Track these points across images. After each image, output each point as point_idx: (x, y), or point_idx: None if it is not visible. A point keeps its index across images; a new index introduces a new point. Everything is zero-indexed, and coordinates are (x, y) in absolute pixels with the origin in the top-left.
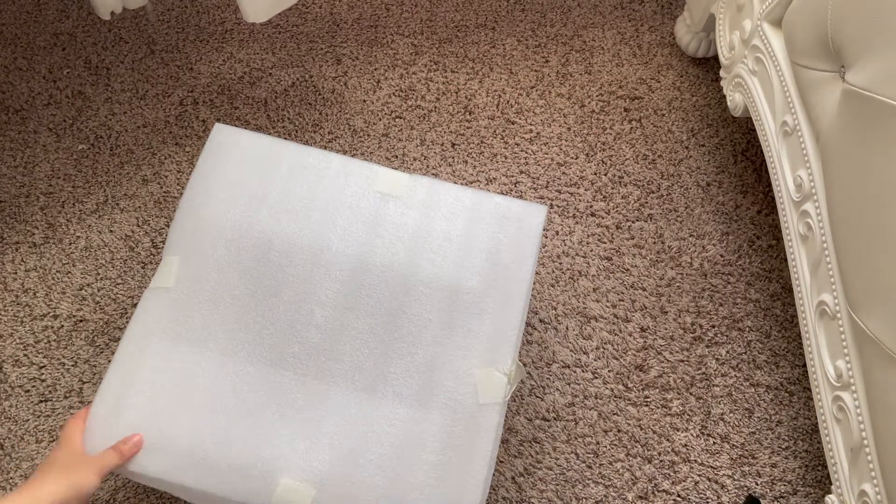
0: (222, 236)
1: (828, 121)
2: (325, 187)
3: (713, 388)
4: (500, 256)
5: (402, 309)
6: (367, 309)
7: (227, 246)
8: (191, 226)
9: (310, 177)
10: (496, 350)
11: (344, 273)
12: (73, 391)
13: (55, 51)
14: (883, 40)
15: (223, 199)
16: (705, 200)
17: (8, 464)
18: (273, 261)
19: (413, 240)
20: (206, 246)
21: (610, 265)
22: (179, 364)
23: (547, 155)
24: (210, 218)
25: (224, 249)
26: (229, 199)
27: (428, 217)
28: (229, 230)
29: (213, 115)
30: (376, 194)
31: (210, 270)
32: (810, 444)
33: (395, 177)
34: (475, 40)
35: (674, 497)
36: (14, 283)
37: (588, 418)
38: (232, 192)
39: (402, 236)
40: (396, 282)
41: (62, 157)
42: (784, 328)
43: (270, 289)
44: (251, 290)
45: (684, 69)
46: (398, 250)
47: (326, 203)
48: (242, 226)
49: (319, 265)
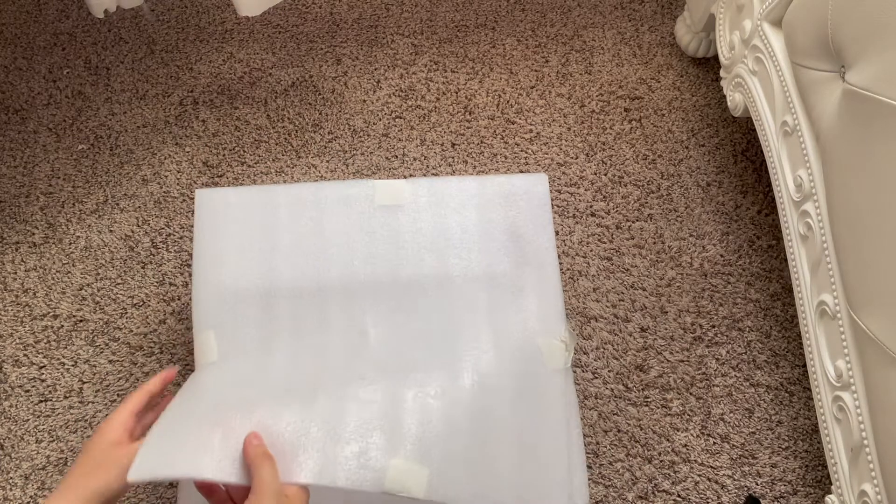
0: (249, 298)
1: (828, 121)
2: (329, 218)
3: (713, 388)
4: (520, 232)
5: (449, 308)
6: (417, 319)
7: (258, 304)
8: (213, 297)
9: (311, 213)
10: (547, 320)
11: (380, 294)
12: (73, 391)
13: (55, 51)
14: (883, 40)
15: (235, 262)
16: (705, 200)
17: (8, 464)
18: (308, 304)
19: (434, 242)
20: (236, 312)
21: (610, 265)
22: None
23: (547, 155)
24: (229, 284)
25: (256, 309)
26: (241, 260)
27: (439, 216)
28: (254, 290)
29: (213, 114)
30: (381, 209)
31: (250, 334)
32: (810, 444)
33: (395, 186)
34: (475, 40)
35: (674, 497)
36: (14, 283)
37: (588, 418)
38: (241, 253)
39: (423, 241)
40: (433, 286)
41: (62, 157)
42: (784, 328)
43: (316, 333)
44: (297, 338)
45: (684, 69)
46: (423, 256)
47: (337, 234)
48: (265, 282)
49: (355, 295)
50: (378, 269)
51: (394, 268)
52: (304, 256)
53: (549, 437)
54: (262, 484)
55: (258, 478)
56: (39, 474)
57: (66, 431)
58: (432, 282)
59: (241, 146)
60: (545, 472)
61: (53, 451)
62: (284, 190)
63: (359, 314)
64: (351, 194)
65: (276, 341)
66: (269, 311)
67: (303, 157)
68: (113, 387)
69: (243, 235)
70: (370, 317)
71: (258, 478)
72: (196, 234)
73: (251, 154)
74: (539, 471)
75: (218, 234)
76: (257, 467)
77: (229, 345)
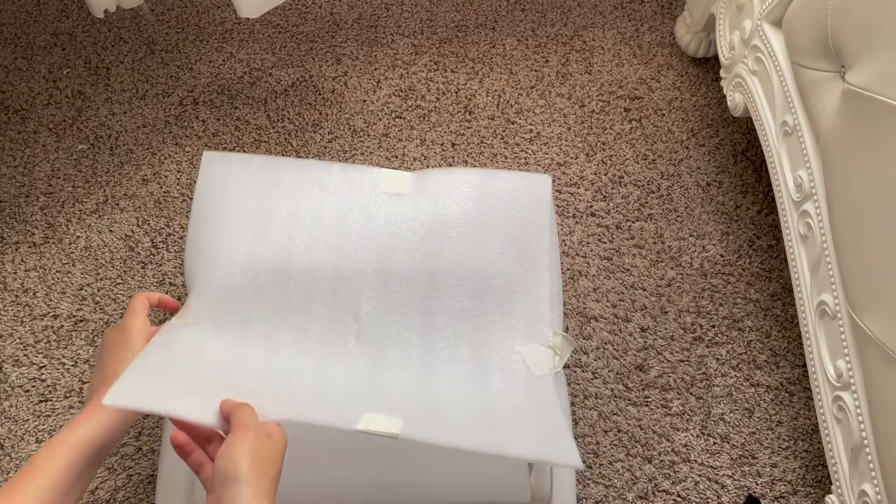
0: (237, 265)
1: (828, 121)
2: (329, 197)
3: (713, 388)
4: (517, 232)
5: (435, 305)
6: (401, 312)
7: (245, 273)
8: (203, 260)
9: (312, 189)
10: (534, 324)
11: (369, 280)
12: (73, 391)
13: (55, 51)
14: (883, 40)
15: (230, 228)
16: (705, 200)
17: (8, 464)
18: (295, 280)
19: (430, 233)
20: (222, 277)
21: (610, 265)
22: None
23: (547, 155)
24: (221, 249)
25: (242, 277)
26: (236, 227)
27: (439, 207)
28: (243, 257)
29: (213, 114)
30: (383, 195)
31: (232, 301)
32: (810, 444)
33: (399, 176)
34: (475, 40)
35: (674, 497)
36: (14, 282)
37: (588, 418)
38: (237, 219)
39: (419, 231)
40: (423, 279)
41: (62, 157)
42: (784, 328)
43: (299, 308)
44: (280, 313)
45: (684, 69)
46: (417, 247)
47: (335, 213)
48: (255, 251)
49: (343, 277)
50: (368, 254)
51: (385, 255)
52: (297, 230)
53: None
54: (242, 422)
55: (237, 418)
56: None
57: None
58: (423, 275)
59: (241, 146)
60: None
61: None
62: (290, 163)
63: (343, 299)
64: (354, 177)
65: (258, 314)
66: (256, 280)
67: (303, 156)
68: None
69: (241, 203)
70: (353, 302)
71: (237, 418)
72: (196, 194)
73: (251, 154)
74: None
75: (217, 197)
76: (236, 409)
77: (210, 310)
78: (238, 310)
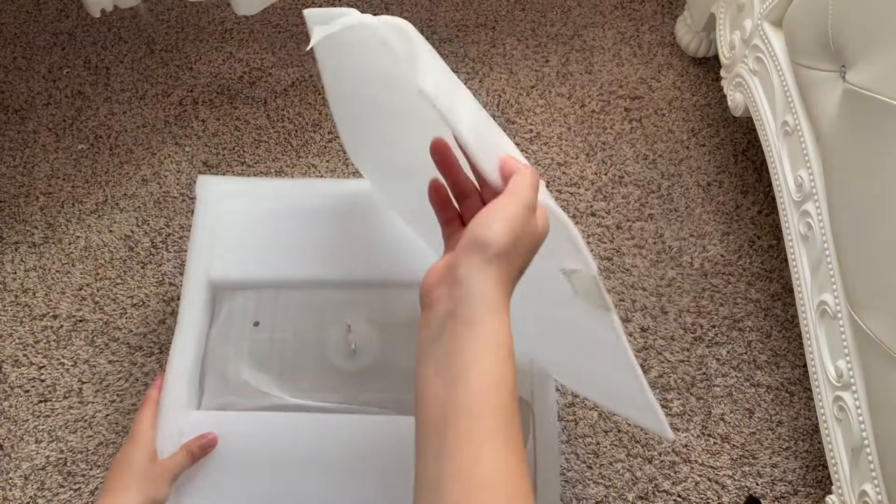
0: (235, 286)
1: (828, 120)
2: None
3: (714, 389)
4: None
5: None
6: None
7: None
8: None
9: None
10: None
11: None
12: (72, 391)
13: (55, 50)
14: (883, 40)
15: (228, 249)
16: (706, 200)
17: (7, 464)
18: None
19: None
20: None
21: (610, 265)
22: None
23: (547, 155)
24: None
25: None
26: (233, 248)
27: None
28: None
29: (213, 114)
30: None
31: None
32: (811, 444)
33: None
34: (475, 40)
35: (674, 497)
36: (14, 283)
37: (588, 418)
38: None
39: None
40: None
41: (62, 157)
42: (784, 328)
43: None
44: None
45: (685, 69)
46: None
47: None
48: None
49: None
50: (358, 270)
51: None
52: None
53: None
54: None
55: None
56: (39, 474)
57: (66, 432)
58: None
59: (241, 146)
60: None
61: (53, 452)
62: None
63: (337, 313)
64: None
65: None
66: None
67: (303, 156)
68: (112, 387)
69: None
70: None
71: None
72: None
73: (251, 154)
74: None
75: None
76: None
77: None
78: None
